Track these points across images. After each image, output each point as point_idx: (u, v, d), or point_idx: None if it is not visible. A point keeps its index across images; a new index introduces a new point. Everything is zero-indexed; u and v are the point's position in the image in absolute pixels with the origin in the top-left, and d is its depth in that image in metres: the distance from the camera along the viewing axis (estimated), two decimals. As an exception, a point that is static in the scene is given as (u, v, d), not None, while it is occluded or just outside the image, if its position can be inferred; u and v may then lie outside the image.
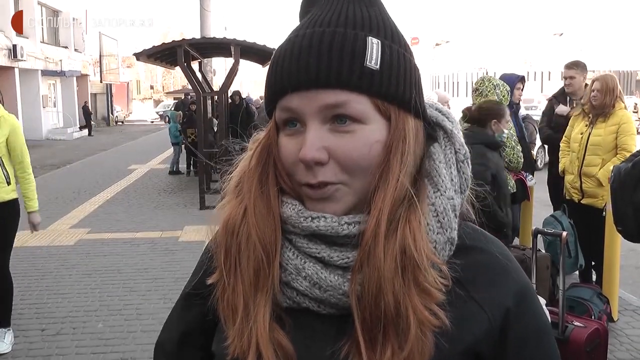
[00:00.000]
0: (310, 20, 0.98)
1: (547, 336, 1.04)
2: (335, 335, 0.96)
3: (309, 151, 0.92)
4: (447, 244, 0.97)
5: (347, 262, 0.94)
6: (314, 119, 0.93)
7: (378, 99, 0.94)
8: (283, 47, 0.98)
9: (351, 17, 0.96)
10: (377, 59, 0.94)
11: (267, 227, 0.98)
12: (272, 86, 0.98)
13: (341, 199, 0.95)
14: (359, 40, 0.94)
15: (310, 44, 0.93)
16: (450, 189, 0.99)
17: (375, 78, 0.93)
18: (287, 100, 0.95)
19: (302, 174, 0.95)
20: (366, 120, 0.94)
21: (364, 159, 0.93)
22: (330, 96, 0.92)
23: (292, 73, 0.93)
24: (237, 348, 0.98)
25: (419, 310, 0.90)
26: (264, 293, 0.97)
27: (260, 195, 1.00)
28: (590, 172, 5.93)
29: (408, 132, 0.97)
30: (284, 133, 0.98)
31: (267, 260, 0.97)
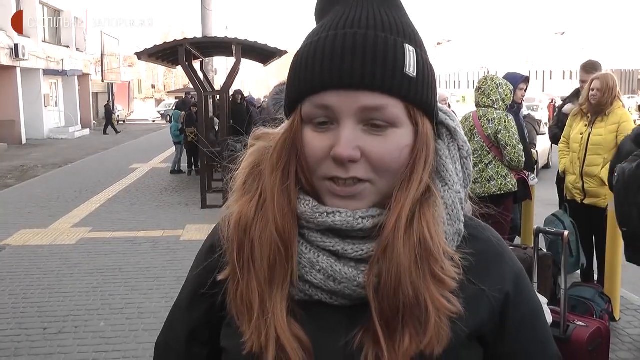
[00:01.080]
0: (344, 19, 0.99)
1: (540, 317, 1.13)
2: (347, 326, 1.00)
3: (345, 149, 0.94)
4: (456, 235, 1.03)
5: (361, 254, 0.98)
6: (350, 118, 0.95)
7: (412, 105, 0.98)
8: (318, 44, 0.98)
9: (387, 22, 0.99)
10: (414, 67, 0.98)
11: (287, 221, 1.00)
12: (306, 81, 0.98)
13: (366, 197, 0.98)
14: (398, 47, 0.97)
15: (354, 45, 0.95)
16: (457, 183, 1.05)
17: (412, 85, 0.97)
18: (323, 97, 0.96)
19: (329, 169, 0.97)
20: (399, 124, 0.97)
21: (394, 162, 0.97)
22: (371, 99, 0.94)
23: (335, 71, 0.95)
24: (254, 343, 1.00)
25: (436, 299, 0.95)
26: (279, 287, 1.00)
27: (282, 191, 1.01)
28: (592, 172, 5.91)
29: (430, 137, 1.02)
30: (311, 128, 0.99)
31: (286, 255, 0.99)
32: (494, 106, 5.90)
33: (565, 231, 4.35)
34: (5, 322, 5.78)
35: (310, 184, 1.02)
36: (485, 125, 5.85)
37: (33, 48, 30.32)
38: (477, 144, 5.93)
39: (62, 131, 34.05)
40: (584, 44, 47.42)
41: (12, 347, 5.23)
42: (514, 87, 6.29)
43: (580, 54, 27.77)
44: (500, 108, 5.91)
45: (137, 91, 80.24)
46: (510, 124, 5.80)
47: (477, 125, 5.92)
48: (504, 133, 5.77)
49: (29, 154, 24.66)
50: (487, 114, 5.89)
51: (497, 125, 5.79)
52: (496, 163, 5.89)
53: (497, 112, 5.86)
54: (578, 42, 49.55)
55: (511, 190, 5.91)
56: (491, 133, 5.82)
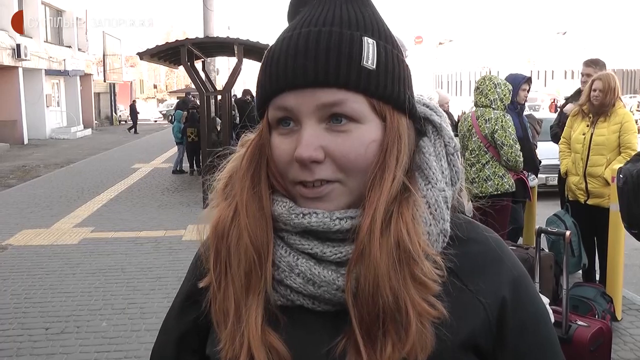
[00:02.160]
0: (304, 19, 0.98)
1: (545, 323, 1.05)
2: (330, 332, 0.96)
3: (306, 150, 0.91)
4: (440, 235, 0.97)
5: (340, 257, 0.94)
6: (310, 117, 0.93)
7: (374, 99, 0.95)
8: (277, 46, 0.97)
9: (346, 17, 0.96)
10: (374, 59, 0.94)
11: (259, 228, 0.97)
12: (267, 85, 0.97)
13: (335, 198, 0.95)
14: (355, 40, 0.94)
15: (306, 43, 0.93)
16: (441, 180, 1.00)
17: (371, 78, 0.94)
18: (282, 99, 0.94)
19: (297, 173, 0.94)
20: (362, 119, 0.94)
21: (360, 159, 0.93)
22: (328, 95, 0.92)
23: (289, 72, 0.93)
24: (228, 352, 0.97)
25: (417, 303, 0.90)
26: (255, 295, 0.97)
27: (252, 196, 0.99)
28: (595, 172, 5.90)
29: (402, 131, 0.97)
30: (277, 132, 0.97)
31: (259, 262, 0.96)
32: (491, 106, 5.89)
33: (567, 231, 4.35)
34: (7, 322, 5.79)
35: (284, 188, 0.99)
36: (483, 125, 5.85)
37: (35, 48, 30.34)
38: (474, 144, 5.93)
39: (64, 131, 34.07)
40: (585, 44, 47.36)
41: (14, 347, 5.24)
42: (516, 88, 6.27)
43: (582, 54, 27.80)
44: (498, 108, 5.90)
45: (139, 91, 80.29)
46: (507, 124, 5.78)
47: (474, 125, 5.92)
48: (500, 132, 5.76)
49: (31, 154, 24.68)
50: (485, 113, 5.88)
51: (494, 124, 5.79)
52: (493, 163, 5.88)
53: (495, 111, 5.86)
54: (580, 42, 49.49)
55: (508, 190, 5.89)
56: (488, 133, 5.81)
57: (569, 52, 39.16)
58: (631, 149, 5.61)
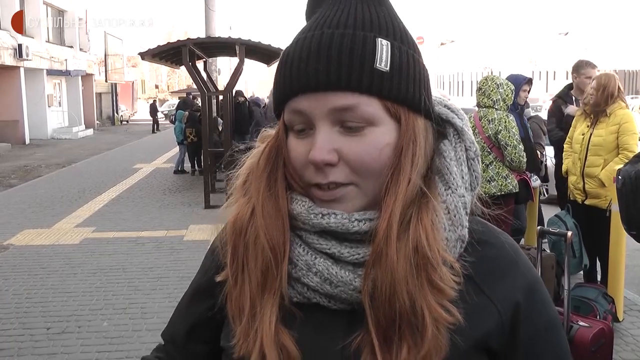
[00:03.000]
0: (318, 21, 0.97)
1: (557, 329, 1.06)
2: (345, 330, 0.96)
3: (319, 153, 0.92)
4: (458, 241, 0.97)
5: (357, 258, 0.94)
6: (324, 121, 0.93)
7: (388, 101, 0.94)
8: (291, 49, 0.97)
9: (360, 18, 0.95)
10: (387, 60, 0.93)
11: (276, 229, 0.98)
12: (281, 88, 0.97)
13: (350, 200, 0.95)
14: (368, 41, 0.93)
15: (319, 46, 0.93)
16: (461, 186, 0.99)
17: (385, 80, 0.93)
18: (296, 102, 0.95)
19: (311, 175, 0.95)
20: (376, 122, 0.93)
21: (374, 162, 0.93)
22: (340, 99, 0.92)
23: (302, 75, 0.93)
24: (242, 348, 0.98)
25: (433, 309, 0.91)
26: (270, 294, 0.97)
27: (268, 196, 1.00)
28: (592, 172, 5.91)
29: (418, 133, 0.97)
30: (293, 135, 0.98)
31: (275, 262, 0.97)
32: (494, 106, 5.89)
33: (569, 232, 4.35)
34: (9, 321, 5.79)
35: (301, 187, 1.00)
36: (486, 125, 5.84)
37: (37, 48, 30.36)
38: (477, 145, 5.92)
39: (65, 131, 34.10)
40: (587, 45, 47.33)
41: (15, 346, 5.24)
42: (517, 88, 6.27)
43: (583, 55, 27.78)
44: (501, 108, 5.89)
45: (140, 91, 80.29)
46: (510, 124, 5.78)
47: (477, 126, 5.91)
48: (504, 133, 5.75)
49: (32, 154, 24.70)
50: (488, 114, 5.87)
51: (497, 125, 5.78)
52: (497, 164, 5.87)
53: (498, 112, 5.85)
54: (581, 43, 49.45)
55: (512, 191, 5.89)
56: (491, 133, 5.81)
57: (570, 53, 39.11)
58: (628, 151, 5.60)
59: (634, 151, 5.53)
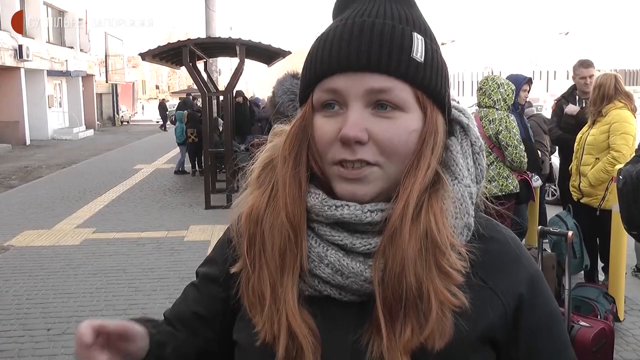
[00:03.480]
0: (357, 12, 1.02)
1: (558, 322, 1.10)
2: (356, 323, 1.00)
3: (352, 129, 0.95)
4: (465, 228, 1.02)
5: (369, 248, 0.98)
6: (358, 101, 0.97)
7: (420, 90, 0.99)
8: (330, 32, 1.01)
9: (397, 14, 1.02)
10: (422, 53, 0.99)
11: (297, 206, 1.01)
12: (317, 67, 1.01)
13: (373, 181, 0.99)
14: (406, 33, 0.99)
15: (361, 30, 0.98)
16: (467, 177, 1.04)
17: (419, 70, 0.99)
18: (332, 81, 0.98)
19: (338, 152, 0.98)
20: (406, 108, 0.99)
21: (402, 145, 0.98)
22: (378, 81, 0.96)
23: (342, 55, 0.97)
24: (267, 333, 1.01)
25: (439, 291, 0.94)
26: (290, 275, 1.01)
27: (293, 176, 1.03)
28: (584, 171, 5.95)
29: (439, 126, 1.03)
30: (321, 114, 1.01)
31: (295, 238, 1.00)
32: (495, 106, 5.89)
33: (569, 231, 4.34)
34: (9, 323, 5.79)
35: (321, 171, 1.03)
36: (487, 125, 5.84)
37: (37, 49, 30.36)
38: (479, 145, 5.92)
39: (66, 132, 34.08)
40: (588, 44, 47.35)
41: (15, 348, 5.24)
42: (517, 88, 6.27)
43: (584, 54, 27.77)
44: (501, 108, 5.89)
45: (141, 92, 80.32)
46: (511, 124, 5.78)
47: (478, 126, 5.91)
48: (504, 133, 5.75)
49: (33, 154, 24.70)
50: (489, 114, 5.87)
51: (498, 125, 5.78)
52: (498, 164, 5.87)
53: (499, 112, 5.85)
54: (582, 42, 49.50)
55: (512, 191, 5.89)
56: (492, 133, 5.81)
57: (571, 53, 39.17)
58: (615, 150, 5.61)
59: (620, 152, 5.54)
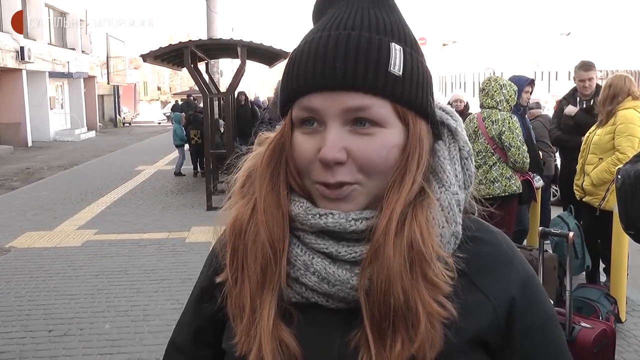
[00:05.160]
0: (333, 21, 0.99)
1: (553, 323, 1.08)
2: (343, 329, 0.99)
3: (331, 151, 0.93)
4: (452, 237, 0.99)
5: (354, 256, 0.96)
6: (336, 119, 0.95)
7: (399, 105, 0.96)
8: (306, 46, 0.98)
9: (374, 22, 0.98)
10: (400, 65, 0.96)
11: (276, 225, 0.99)
12: (292, 84, 0.98)
13: (355, 198, 0.97)
14: (383, 45, 0.96)
15: (336, 46, 0.94)
16: (454, 184, 1.02)
17: (398, 84, 0.95)
18: (308, 99, 0.96)
19: (318, 173, 0.96)
20: (386, 124, 0.96)
21: (382, 162, 0.95)
22: (355, 99, 0.93)
23: (317, 73, 0.94)
24: (243, 346, 1.00)
25: (427, 303, 0.93)
26: (269, 290, 0.99)
27: (271, 192, 1.01)
28: (587, 170, 5.96)
29: (423, 136, 1.00)
30: (300, 131, 0.99)
31: (275, 257, 0.98)
32: (497, 107, 5.90)
33: (571, 232, 4.34)
34: (11, 324, 5.79)
35: (301, 187, 1.01)
36: (489, 126, 5.85)
37: (39, 50, 30.40)
38: (481, 145, 5.92)
39: (67, 133, 34.11)
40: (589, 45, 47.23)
41: (17, 349, 5.24)
42: (519, 90, 6.27)
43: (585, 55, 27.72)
44: (504, 109, 5.90)
45: (142, 93, 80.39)
46: (514, 125, 5.79)
47: (481, 127, 5.91)
48: (507, 134, 5.76)
49: (34, 156, 24.74)
50: (491, 115, 5.88)
51: (501, 126, 5.79)
52: (500, 164, 5.88)
53: (501, 113, 5.86)
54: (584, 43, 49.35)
55: (515, 191, 5.90)
56: (495, 134, 5.81)
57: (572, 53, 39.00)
58: (620, 152, 5.60)
59: (625, 153, 5.52)
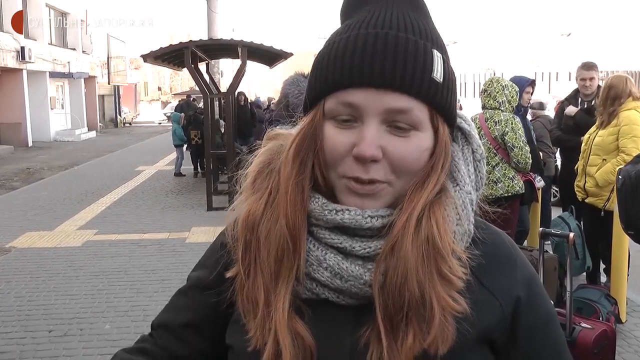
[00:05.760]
0: (375, 19, 0.99)
1: (554, 323, 1.11)
2: (354, 325, 1.00)
3: (369, 148, 0.94)
4: (465, 235, 1.02)
5: (368, 252, 0.98)
6: (375, 117, 0.95)
7: (435, 110, 0.99)
8: (349, 40, 0.98)
9: (417, 27, 0.99)
10: (441, 72, 0.98)
11: (297, 214, 1.00)
12: (333, 75, 0.97)
13: (382, 197, 0.98)
14: (428, 51, 0.97)
15: (385, 45, 0.95)
16: (468, 184, 1.05)
17: (438, 91, 0.98)
18: (349, 94, 0.96)
19: (351, 168, 0.97)
20: (421, 128, 0.97)
21: (415, 163, 0.97)
22: (399, 100, 0.94)
23: (365, 69, 0.94)
24: (258, 340, 1.00)
25: (441, 297, 0.94)
26: (284, 283, 1.00)
27: (297, 183, 1.01)
28: (590, 172, 5.94)
29: (448, 141, 1.02)
30: (333, 124, 0.99)
31: (294, 247, 0.99)
32: (500, 108, 5.90)
33: (571, 233, 4.34)
34: (11, 324, 5.79)
35: (325, 180, 1.01)
36: (492, 127, 5.85)
37: (39, 50, 30.41)
38: (483, 146, 5.90)
39: (68, 133, 34.12)
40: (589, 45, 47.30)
41: (17, 349, 5.24)
42: (520, 90, 6.28)
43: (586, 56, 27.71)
44: (506, 110, 5.91)
45: (143, 93, 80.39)
46: (517, 126, 5.79)
47: (483, 127, 5.91)
48: (510, 135, 5.76)
49: (35, 156, 24.74)
50: (494, 115, 5.88)
51: (504, 127, 5.79)
52: (503, 165, 5.88)
53: (504, 113, 5.86)
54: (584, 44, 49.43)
55: (518, 192, 5.90)
56: (498, 135, 5.82)
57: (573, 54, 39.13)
58: (626, 153, 5.60)
59: (631, 155, 5.52)
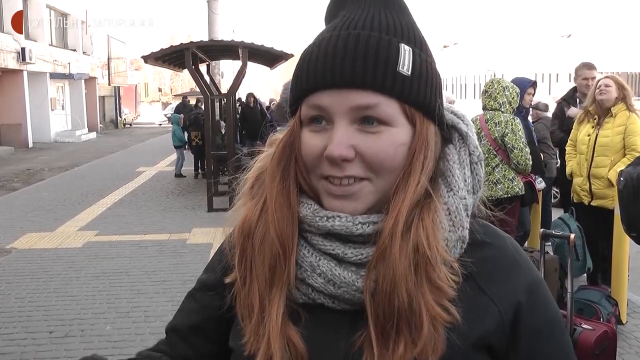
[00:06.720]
0: (344, 22, 1.00)
1: (559, 329, 1.08)
2: (349, 330, 0.99)
3: (337, 148, 0.94)
4: (459, 242, 0.99)
5: (361, 258, 0.97)
6: (343, 117, 0.96)
7: (407, 104, 0.97)
8: (316, 46, 1.00)
9: (384, 23, 0.99)
10: (409, 65, 0.97)
11: (286, 222, 1.00)
12: (302, 83, 0.99)
13: (362, 197, 0.98)
14: (393, 45, 0.97)
15: (346, 45, 0.96)
16: (463, 189, 1.02)
17: (406, 84, 0.96)
18: (317, 97, 0.97)
19: (325, 168, 0.97)
20: (393, 123, 0.97)
21: (389, 159, 0.96)
22: (363, 97, 0.94)
23: (327, 72, 0.95)
24: (252, 345, 1.01)
25: (431, 307, 0.93)
26: (278, 289, 1.00)
27: (281, 190, 1.02)
28: (599, 173, 5.91)
29: (430, 139, 1.00)
30: (308, 129, 1.00)
31: (284, 255, 0.99)
32: (500, 109, 5.90)
33: (572, 234, 4.34)
34: (12, 325, 5.79)
35: (309, 186, 1.02)
36: (492, 128, 5.85)
37: (40, 51, 30.41)
38: (483, 147, 5.91)
39: (68, 134, 34.12)
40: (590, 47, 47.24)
41: (17, 351, 5.24)
42: (522, 92, 6.28)
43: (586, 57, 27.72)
44: (507, 111, 5.90)
45: (143, 94, 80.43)
46: (517, 127, 5.79)
47: (484, 128, 5.91)
48: (510, 136, 5.76)
49: (35, 157, 24.74)
50: (494, 117, 5.88)
51: (504, 128, 5.79)
52: (503, 166, 5.88)
53: (504, 115, 5.86)
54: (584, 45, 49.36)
55: (518, 193, 5.90)
56: (498, 136, 5.82)
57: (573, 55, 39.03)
58: (636, 151, 5.60)
59: None
